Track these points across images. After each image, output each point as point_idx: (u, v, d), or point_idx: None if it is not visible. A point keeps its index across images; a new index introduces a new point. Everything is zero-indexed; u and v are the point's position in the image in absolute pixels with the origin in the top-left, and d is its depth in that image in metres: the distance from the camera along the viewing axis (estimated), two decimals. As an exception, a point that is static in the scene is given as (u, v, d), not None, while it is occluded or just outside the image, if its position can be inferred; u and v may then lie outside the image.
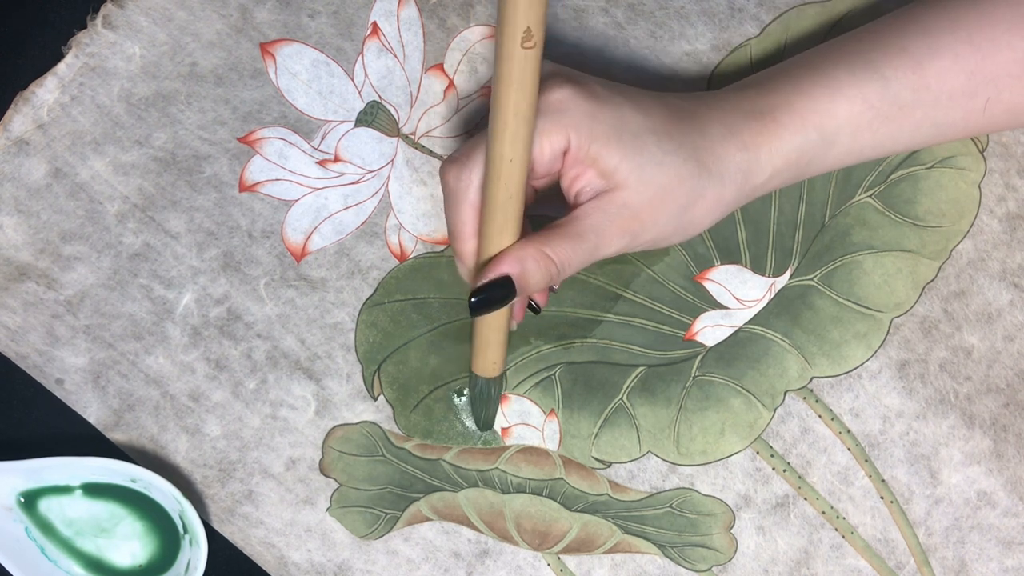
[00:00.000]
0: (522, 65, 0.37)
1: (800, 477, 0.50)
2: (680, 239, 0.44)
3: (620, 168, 0.41)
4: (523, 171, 0.40)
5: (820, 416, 0.50)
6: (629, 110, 0.42)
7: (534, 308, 0.47)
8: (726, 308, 0.50)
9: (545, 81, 0.42)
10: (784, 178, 0.45)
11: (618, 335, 0.50)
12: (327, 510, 0.49)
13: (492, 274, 0.41)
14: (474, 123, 0.51)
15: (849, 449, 0.50)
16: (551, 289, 0.47)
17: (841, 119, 0.44)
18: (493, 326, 0.45)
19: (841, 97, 0.44)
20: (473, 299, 0.42)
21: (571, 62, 0.51)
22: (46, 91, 0.50)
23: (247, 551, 0.49)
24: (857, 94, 0.44)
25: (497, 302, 0.42)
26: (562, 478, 0.49)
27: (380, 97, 0.51)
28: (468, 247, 0.43)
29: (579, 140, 0.41)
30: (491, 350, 0.46)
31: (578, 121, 0.41)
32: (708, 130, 0.43)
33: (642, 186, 0.41)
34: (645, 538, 0.49)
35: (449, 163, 0.43)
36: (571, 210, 0.43)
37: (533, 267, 0.41)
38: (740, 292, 0.50)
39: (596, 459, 0.49)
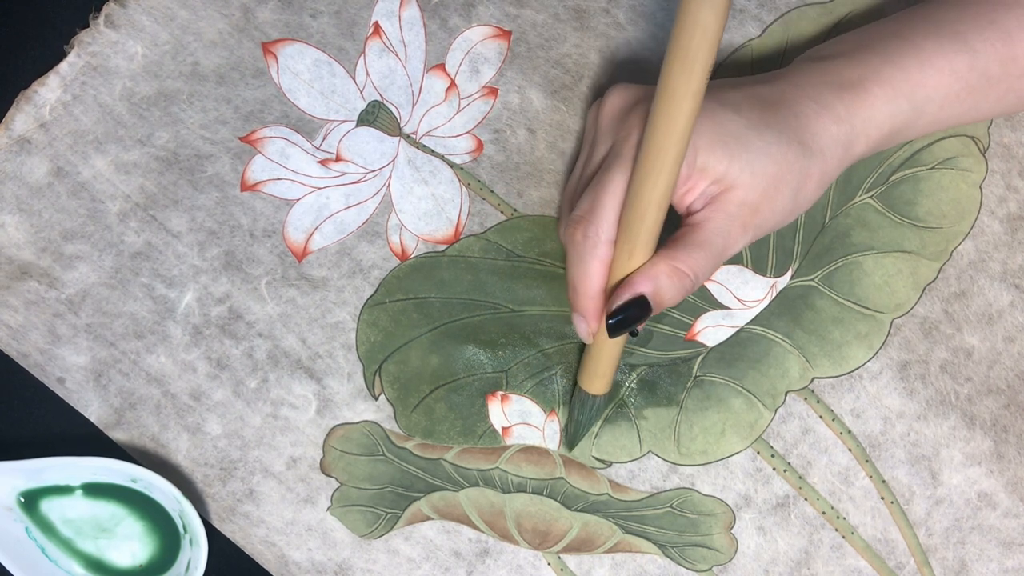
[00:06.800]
0: (686, 90, 0.37)
1: (801, 477, 0.50)
2: (793, 218, 0.45)
3: (731, 170, 0.41)
4: (667, 194, 0.40)
5: (821, 417, 0.50)
6: (722, 113, 0.42)
7: (634, 331, 0.47)
8: (727, 308, 0.50)
9: (635, 106, 0.42)
10: (876, 146, 0.45)
11: (619, 335, 0.50)
12: (328, 509, 0.49)
13: (628, 294, 0.41)
14: (476, 123, 0.51)
15: (850, 450, 0.50)
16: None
17: (930, 89, 0.44)
18: (611, 342, 0.44)
19: (931, 68, 0.44)
20: (611, 320, 0.42)
21: (572, 62, 0.51)
22: (48, 90, 0.50)
23: (248, 550, 0.49)
24: (946, 65, 0.44)
25: (634, 321, 0.42)
26: (563, 478, 0.49)
27: (382, 97, 0.51)
28: (594, 305, 0.43)
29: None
30: (603, 366, 0.46)
31: None
32: (800, 110, 0.43)
33: (755, 180, 0.42)
34: (645, 538, 0.49)
35: (575, 222, 0.42)
36: (686, 219, 0.43)
37: (667, 283, 0.41)
38: (741, 292, 0.50)
39: (596, 459, 0.49)
